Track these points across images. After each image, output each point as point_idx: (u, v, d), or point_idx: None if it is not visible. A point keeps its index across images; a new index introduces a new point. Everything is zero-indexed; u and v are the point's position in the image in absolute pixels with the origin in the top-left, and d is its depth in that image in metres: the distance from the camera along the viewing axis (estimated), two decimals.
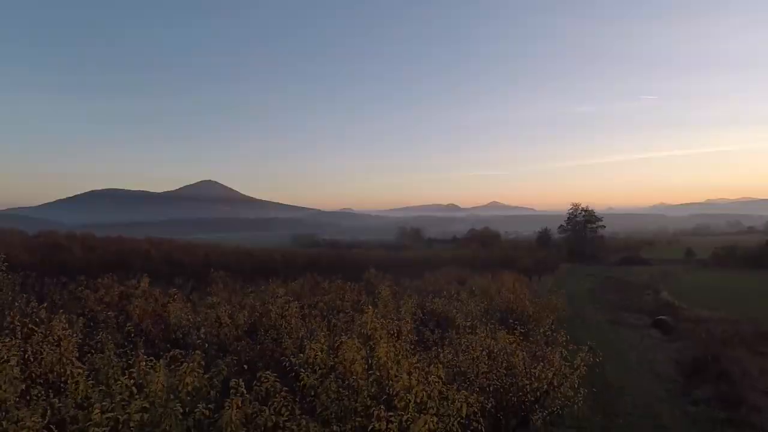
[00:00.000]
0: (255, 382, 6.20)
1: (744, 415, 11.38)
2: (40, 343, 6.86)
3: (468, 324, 12.01)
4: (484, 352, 8.48)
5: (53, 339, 6.99)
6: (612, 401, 12.99)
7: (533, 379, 7.97)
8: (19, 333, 7.00)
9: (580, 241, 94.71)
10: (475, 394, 6.64)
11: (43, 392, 5.50)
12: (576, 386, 8.29)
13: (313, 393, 6.32)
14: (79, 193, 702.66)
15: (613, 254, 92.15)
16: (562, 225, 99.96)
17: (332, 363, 6.76)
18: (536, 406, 8.02)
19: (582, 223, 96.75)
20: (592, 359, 8.83)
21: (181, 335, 10.10)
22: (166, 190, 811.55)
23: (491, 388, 7.89)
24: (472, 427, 6.26)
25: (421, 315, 13.22)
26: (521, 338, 9.76)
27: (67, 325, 7.52)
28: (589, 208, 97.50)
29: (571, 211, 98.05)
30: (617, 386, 14.33)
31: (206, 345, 8.96)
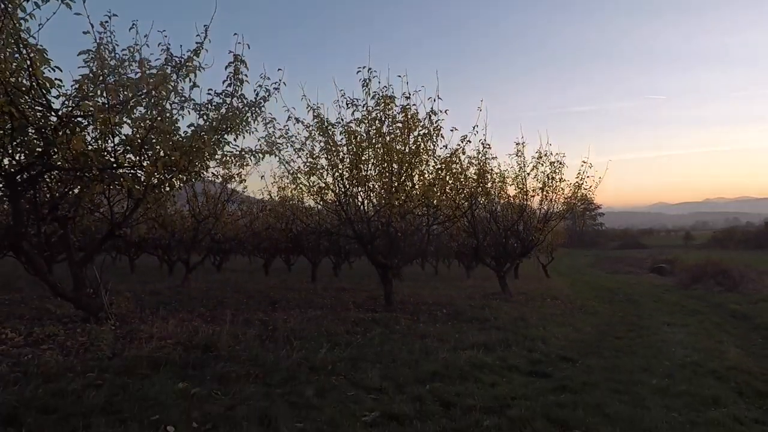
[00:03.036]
0: None
1: (740, 291, 11.42)
2: None
3: None
4: None
5: None
6: (610, 295, 13.02)
7: None
8: None
9: (579, 228, 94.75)
10: None
11: None
12: None
13: None
14: None
15: (612, 242, 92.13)
16: (560, 211, 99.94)
17: None
18: None
19: (581, 211, 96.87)
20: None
21: None
22: None
23: None
24: None
25: None
26: None
27: None
28: (588, 196, 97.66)
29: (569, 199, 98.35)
30: (614, 288, 14.37)
31: None
